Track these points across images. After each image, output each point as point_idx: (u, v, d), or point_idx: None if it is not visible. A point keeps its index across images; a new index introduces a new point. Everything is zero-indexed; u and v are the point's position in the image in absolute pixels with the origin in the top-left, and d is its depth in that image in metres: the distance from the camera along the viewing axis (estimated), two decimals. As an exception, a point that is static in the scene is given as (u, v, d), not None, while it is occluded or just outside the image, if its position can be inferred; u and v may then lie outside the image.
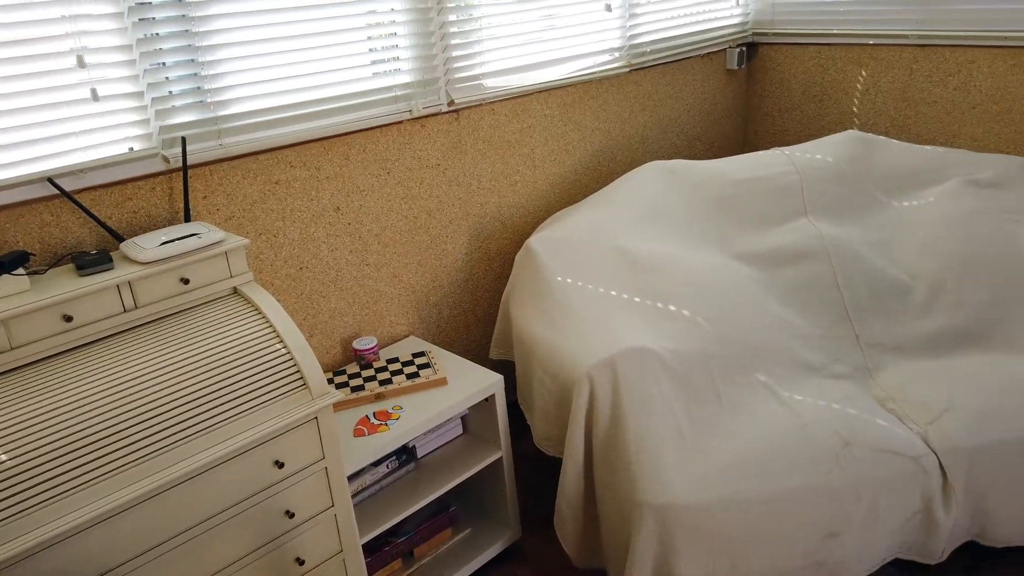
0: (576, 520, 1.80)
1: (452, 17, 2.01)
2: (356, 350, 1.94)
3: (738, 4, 2.86)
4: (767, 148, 2.89)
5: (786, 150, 2.35)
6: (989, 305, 1.98)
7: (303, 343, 1.46)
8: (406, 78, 1.95)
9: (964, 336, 1.99)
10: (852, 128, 2.80)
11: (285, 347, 1.44)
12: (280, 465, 1.41)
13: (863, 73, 2.71)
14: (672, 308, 1.89)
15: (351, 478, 1.72)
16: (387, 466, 1.82)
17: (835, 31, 2.72)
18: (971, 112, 2.50)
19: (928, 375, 1.90)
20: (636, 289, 1.94)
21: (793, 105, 2.94)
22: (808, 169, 2.26)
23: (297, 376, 1.43)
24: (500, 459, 1.94)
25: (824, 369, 1.95)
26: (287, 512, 1.44)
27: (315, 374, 1.44)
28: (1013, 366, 1.86)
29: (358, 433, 1.70)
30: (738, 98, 3.03)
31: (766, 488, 1.60)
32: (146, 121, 1.56)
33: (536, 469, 2.33)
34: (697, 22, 2.72)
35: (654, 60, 2.60)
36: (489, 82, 2.14)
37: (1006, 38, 2.36)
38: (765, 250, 2.12)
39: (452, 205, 2.14)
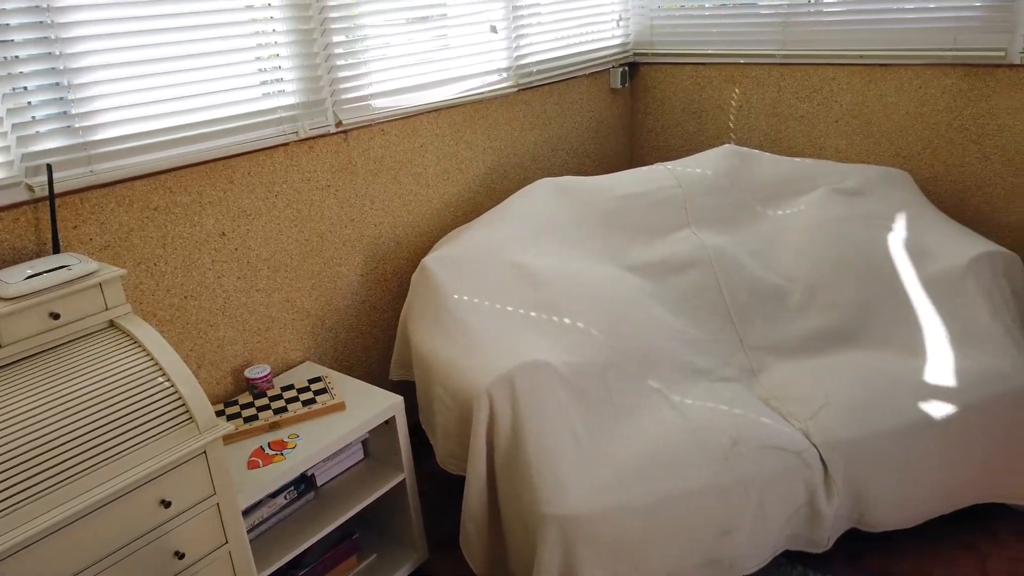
0: (482, 537, 1.79)
1: (337, 38, 2.00)
2: (248, 379, 1.88)
3: (619, 26, 2.97)
4: (652, 163, 3.00)
5: (668, 165, 2.45)
6: (858, 305, 2.13)
7: (188, 375, 1.40)
8: (291, 99, 1.92)
9: (837, 335, 2.12)
10: (729, 142, 2.95)
11: (168, 380, 1.38)
12: (167, 504, 1.34)
13: (736, 91, 2.87)
14: (567, 321, 1.93)
15: (247, 512, 1.66)
16: (285, 497, 1.76)
17: (709, 51, 2.87)
18: (834, 125, 2.68)
19: (807, 373, 2.01)
20: (532, 304, 1.97)
21: (675, 121, 3.07)
22: (689, 182, 2.37)
23: (182, 410, 1.37)
24: (403, 481, 1.92)
25: (712, 373, 2.04)
26: (176, 553, 1.38)
27: (202, 406, 1.39)
28: (881, 361, 2.00)
29: (252, 465, 1.64)
30: (623, 116, 3.14)
31: (661, 491, 1.65)
32: (6, 148, 1.46)
33: (441, 489, 2.31)
34: (581, 43, 2.81)
35: (541, 80, 2.66)
36: (378, 102, 2.13)
37: (861, 57, 2.55)
38: (653, 261, 2.20)
39: (345, 227, 2.12)
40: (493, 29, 2.44)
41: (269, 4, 1.83)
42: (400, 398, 1.86)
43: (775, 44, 2.72)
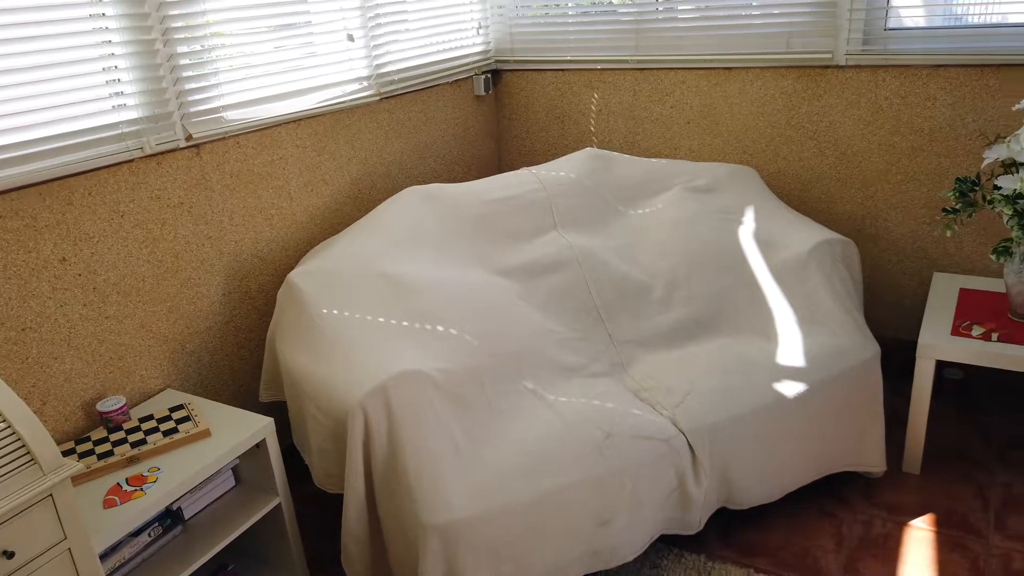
0: (363, 555, 1.76)
1: (182, 48, 1.91)
2: (101, 413, 1.76)
3: (479, 33, 3.00)
4: (520, 168, 3.05)
5: (533, 169, 2.50)
6: (714, 295, 2.24)
7: (27, 413, 1.29)
8: (133, 114, 1.81)
9: (698, 325, 2.23)
10: (591, 146, 3.04)
11: (3, 420, 1.27)
12: (9, 555, 1.24)
13: (596, 95, 2.96)
14: (440, 328, 1.93)
15: (106, 555, 1.55)
16: (149, 534, 1.66)
17: (568, 57, 2.95)
18: (687, 127, 2.82)
19: (672, 363, 2.10)
20: (404, 313, 1.96)
21: (539, 127, 3.13)
22: (554, 186, 2.43)
23: (22, 452, 1.27)
24: (279, 506, 1.85)
25: (584, 369, 2.09)
26: (24, 608, 1.27)
27: (45, 447, 1.29)
28: (739, 347, 2.12)
29: (109, 504, 1.54)
30: (489, 122, 3.17)
31: (539, 488, 1.68)
32: None
33: (322, 510, 2.25)
34: (442, 51, 2.82)
35: (404, 88, 2.65)
36: (231, 114, 2.05)
37: (707, 61, 2.70)
38: (522, 264, 2.23)
39: (202, 245, 2.02)
40: (350, 37, 2.40)
41: (104, 14, 1.72)
42: (270, 420, 1.80)
43: (629, 50, 2.83)
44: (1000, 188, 1.97)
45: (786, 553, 1.97)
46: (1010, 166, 2.00)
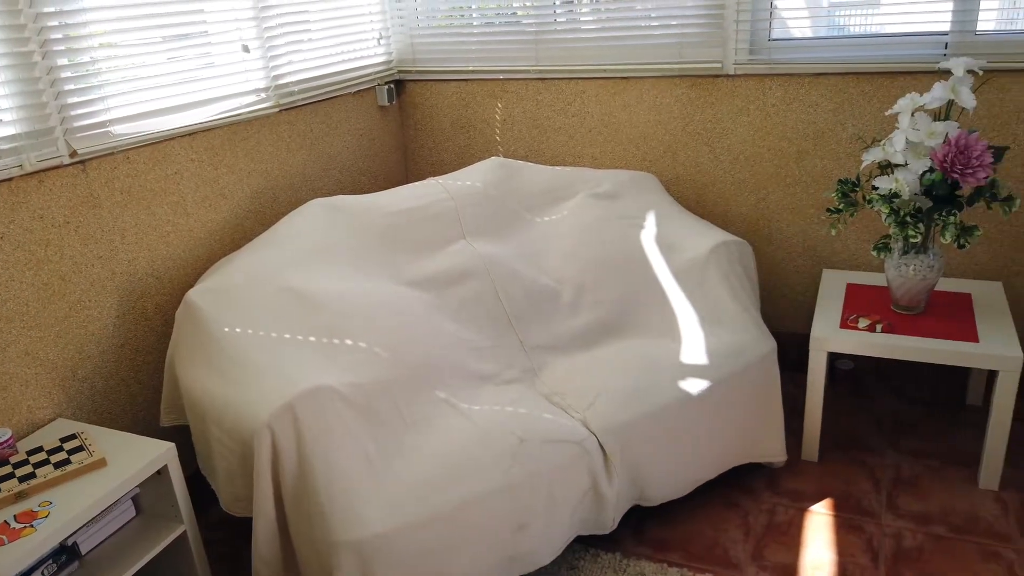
0: (276, 578, 1.71)
1: (62, 60, 1.82)
2: (-16, 448, 1.65)
3: (380, 43, 2.98)
4: (426, 178, 3.04)
5: (440, 179, 2.50)
6: (620, 299, 2.30)
7: None
8: (10, 130, 1.71)
9: (606, 328, 2.28)
10: (497, 155, 3.07)
11: None
12: None
13: (499, 105, 2.99)
14: (349, 342, 1.90)
15: (-8, 600, 1.45)
16: (43, 573, 1.56)
17: (471, 68, 2.97)
18: (588, 135, 2.89)
19: (582, 367, 2.14)
20: (310, 328, 1.92)
21: (445, 137, 3.14)
22: (461, 195, 2.43)
23: None
24: (184, 534, 1.78)
25: (497, 376, 2.10)
26: (-103, 664, 1.17)
27: (-83, 487, 1.19)
28: (645, 348, 2.18)
29: (-6, 545, 1.44)
30: (394, 132, 3.16)
31: (455, 497, 1.67)
32: None
33: (232, 535, 2.17)
34: (342, 61, 2.79)
35: (304, 99, 2.61)
36: (119, 128, 1.97)
37: (605, 71, 2.77)
38: (431, 274, 2.23)
39: (92, 265, 1.93)
40: (245, 48, 2.35)
41: (-28, 23, 1.62)
42: (171, 445, 1.73)
43: (530, 60, 2.88)
44: (877, 188, 2.10)
45: (697, 545, 2.04)
46: (886, 167, 2.14)
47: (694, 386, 2.02)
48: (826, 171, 2.59)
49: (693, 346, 2.13)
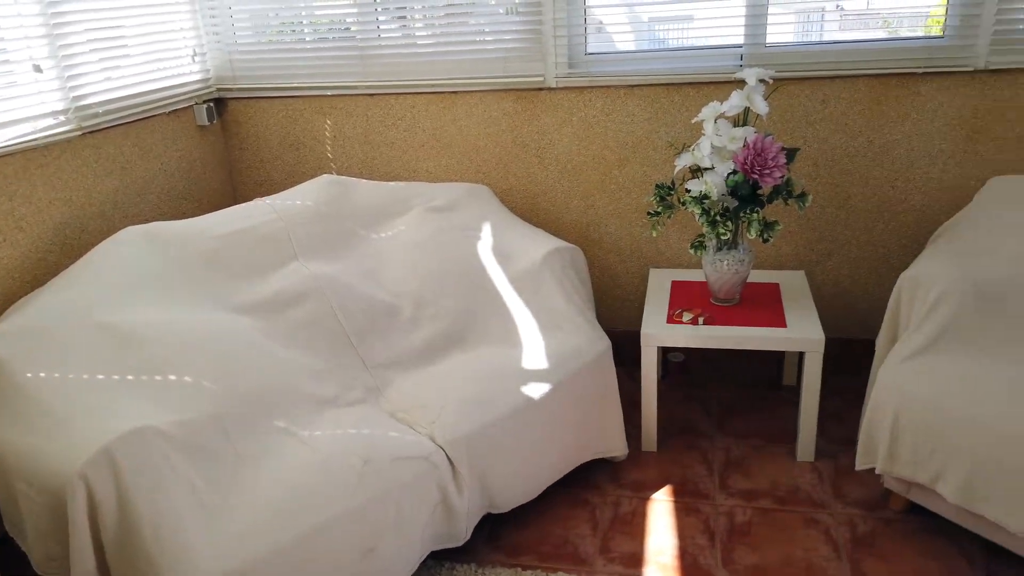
0: (103, 641, 1.57)
1: None
2: None
3: (195, 60, 2.84)
4: (257, 199, 2.93)
5: (268, 199, 2.42)
6: (460, 310, 2.32)
7: None
8: None
9: (448, 340, 2.29)
10: (330, 172, 3.01)
11: None
12: None
13: (328, 122, 2.94)
14: (172, 377, 1.79)
15: None
16: None
17: (295, 84, 2.89)
18: (421, 149, 2.90)
19: (427, 381, 2.14)
20: (127, 367, 1.78)
21: (274, 155, 3.03)
22: (291, 215, 2.36)
23: None
24: (-10, 607, 1.59)
25: (339, 399, 2.05)
26: None
27: None
28: (487, 357, 2.21)
29: None
30: (217, 153, 3.01)
31: (298, 528, 1.61)
32: None
33: (53, 600, 1.97)
34: (153, 80, 2.63)
35: (111, 121, 2.43)
36: None
37: (433, 86, 2.79)
38: (263, 299, 2.14)
39: None
40: (37, 68, 2.16)
41: None
42: (-33, 509, 1.55)
43: (357, 76, 2.85)
44: (690, 191, 2.26)
45: (548, 546, 2.08)
46: (696, 171, 2.30)
47: (536, 390, 2.07)
48: (645, 177, 2.74)
49: (532, 351, 2.19)
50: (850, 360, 2.78)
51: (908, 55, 2.43)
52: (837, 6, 2.57)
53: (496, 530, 2.14)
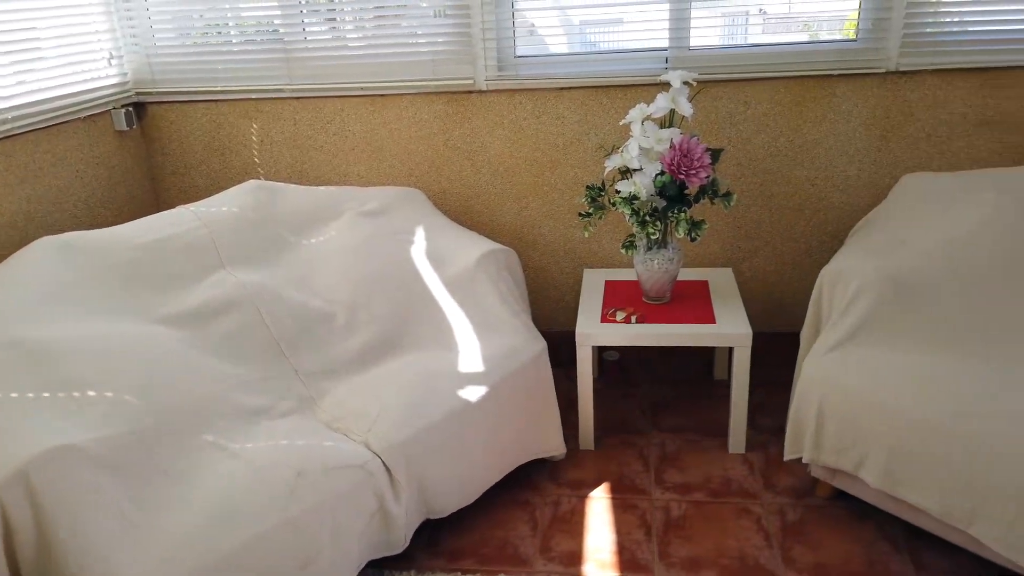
0: (22, 673, 1.50)
1: None
2: None
3: (112, 64, 2.74)
4: (180, 206, 2.84)
5: (191, 206, 2.35)
6: (395, 315, 2.30)
7: None
8: None
9: (383, 345, 2.26)
10: (258, 178, 2.94)
11: None
12: None
13: (255, 126, 2.87)
14: (92, 393, 1.72)
15: None
16: None
17: (219, 88, 2.82)
18: (352, 153, 2.86)
19: (362, 388, 2.11)
20: (44, 384, 1.70)
21: (198, 161, 2.95)
22: (216, 222, 2.30)
23: None
24: None
25: (272, 410, 2.01)
26: None
27: None
28: (423, 361, 2.19)
29: None
30: (138, 159, 2.91)
31: (230, 544, 1.57)
32: None
33: (-33, 632, 1.87)
34: (66, 84, 2.52)
35: (20, 128, 2.32)
36: None
37: (363, 89, 2.76)
38: (189, 309, 2.08)
39: None
40: (-62, 71, 2.05)
41: None
42: None
43: (283, 79, 2.79)
44: (620, 192, 2.29)
45: (488, 549, 2.08)
46: (625, 172, 2.33)
47: (472, 393, 2.07)
48: (577, 178, 2.77)
49: (469, 354, 2.18)
50: (778, 353, 2.86)
51: (825, 58, 2.53)
52: (760, 10, 2.64)
53: (435, 535, 2.13)
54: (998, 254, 2.07)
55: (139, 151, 2.91)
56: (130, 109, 2.80)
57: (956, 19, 2.45)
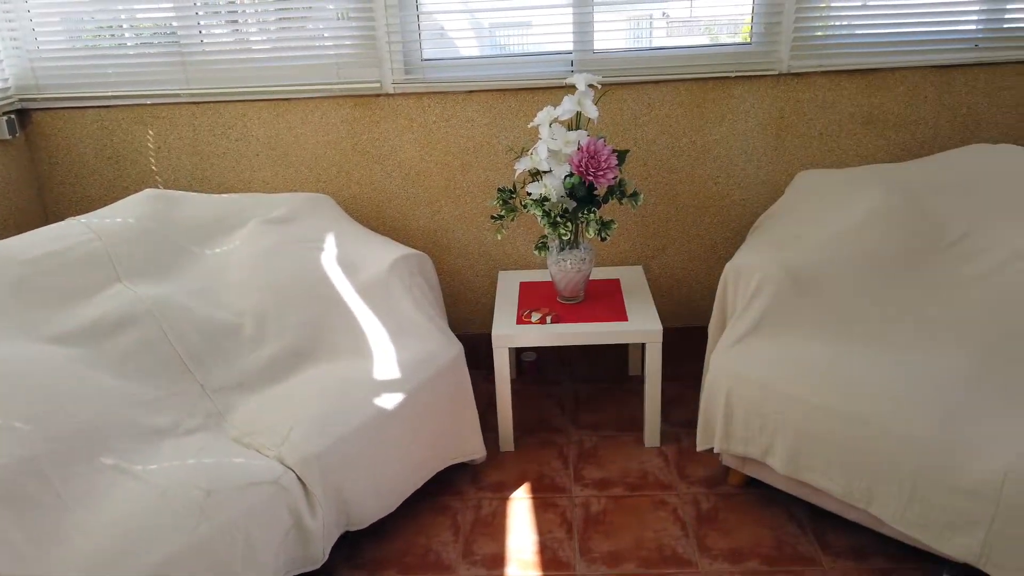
0: None
1: None
2: None
3: (-10, 68, 2.57)
4: (70, 218, 2.69)
5: (83, 218, 2.23)
6: (306, 324, 2.24)
7: None
8: None
9: (295, 356, 2.20)
10: (156, 186, 2.82)
11: None
12: None
13: (151, 132, 2.75)
14: (-24, 421, 1.60)
15: None
16: None
17: (111, 93, 2.69)
18: (256, 159, 2.78)
19: (274, 401, 2.05)
20: (-80, 413, 1.58)
21: (90, 171, 2.80)
22: (110, 234, 2.19)
23: None
24: None
25: (177, 428, 1.92)
26: None
27: None
28: (337, 371, 2.15)
29: None
30: (23, 169, 2.74)
31: (137, 569, 1.50)
32: None
33: None
34: (-61, 89, 2.35)
35: None
36: None
37: (265, 93, 2.68)
38: (83, 326, 1.97)
39: None
40: None
41: None
42: None
43: (179, 83, 2.68)
44: (531, 194, 2.31)
45: (411, 557, 2.06)
46: (535, 174, 2.35)
47: (388, 401, 2.04)
48: (488, 181, 2.78)
49: (384, 361, 2.15)
50: (688, 347, 2.95)
51: (722, 60, 2.62)
52: (664, 13, 2.72)
53: (357, 546, 2.09)
54: (885, 244, 2.20)
55: (23, 160, 2.74)
56: (12, 116, 2.63)
57: (844, 23, 2.59)
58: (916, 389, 1.84)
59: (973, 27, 2.57)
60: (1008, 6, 2.54)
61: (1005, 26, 2.56)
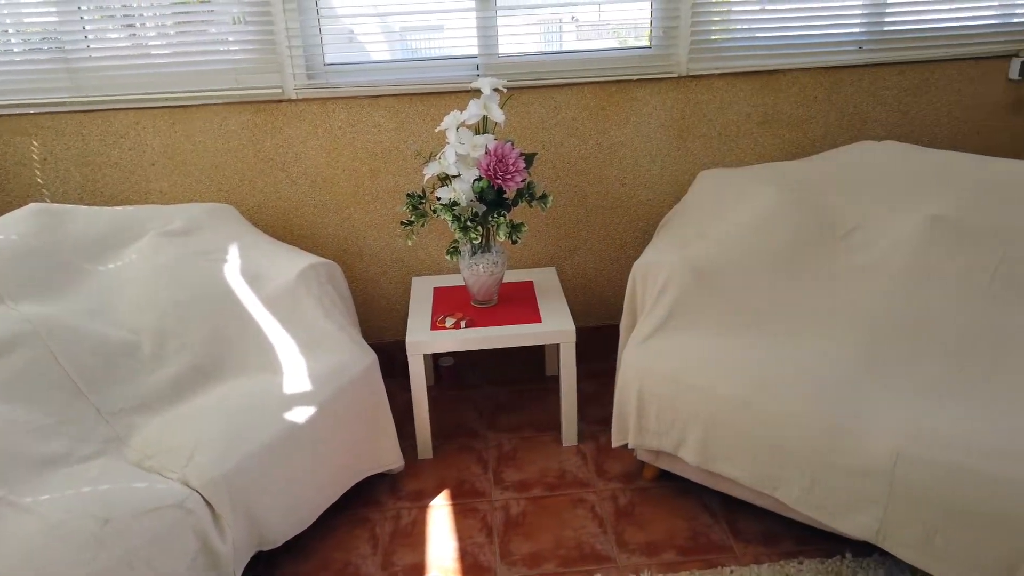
0: None
1: None
2: None
3: None
4: (-52, 236, 2.51)
5: (-41, 236, 2.08)
6: (210, 340, 2.16)
7: None
8: None
9: (200, 374, 2.12)
10: (43, 200, 2.66)
11: None
12: None
13: (35, 143, 2.60)
14: None
15: None
16: None
17: (-12, 102, 2.53)
18: (152, 169, 2.66)
19: (177, 421, 1.96)
20: None
21: (-32, 184, 2.62)
22: (-9, 252, 2.05)
23: None
24: None
25: (70, 456, 1.82)
26: None
27: None
28: (245, 386, 2.08)
29: None
30: None
31: (25, 614, 1.40)
32: None
33: None
34: None
35: None
36: None
37: (158, 100, 2.57)
38: (-39, 352, 1.84)
39: None
40: None
41: None
42: None
43: (65, 91, 2.54)
44: (440, 198, 2.29)
45: (329, 573, 2.01)
46: (444, 179, 2.34)
47: (300, 415, 1.99)
48: (398, 186, 2.75)
49: (294, 375, 2.09)
50: (602, 346, 2.99)
51: (625, 64, 2.67)
52: (573, 17, 2.75)
53: (273, 565, 2.03)
54: (781, 239, 2.29)
55: None
56: None
57: (741, 27, 2.68)
58: (812, 376, 1.92)
59: (857, 30, 2.71)
60: (887, 11, 2.69)
61: (886, 28, 2.71)
